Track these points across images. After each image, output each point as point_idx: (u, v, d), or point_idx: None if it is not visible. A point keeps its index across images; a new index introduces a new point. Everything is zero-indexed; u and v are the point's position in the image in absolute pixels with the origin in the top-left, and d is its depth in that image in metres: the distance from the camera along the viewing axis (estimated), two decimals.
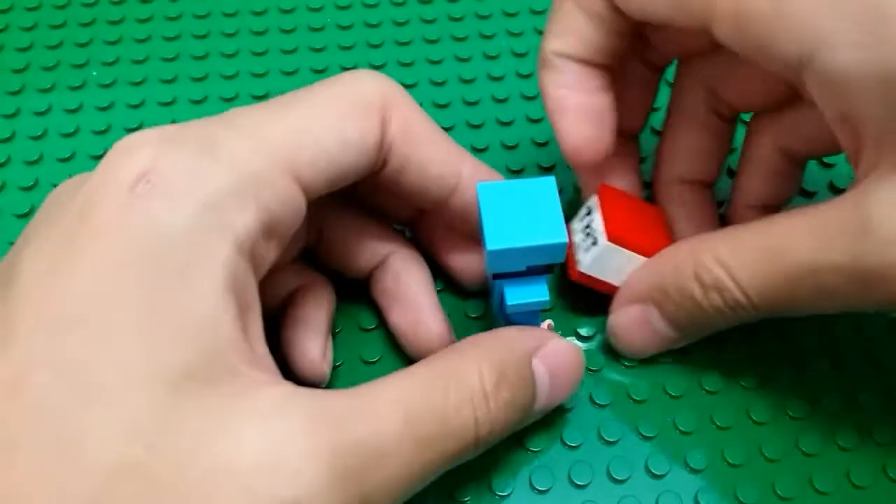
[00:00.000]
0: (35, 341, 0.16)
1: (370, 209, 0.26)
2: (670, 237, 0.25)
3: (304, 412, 0.17)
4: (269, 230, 0.19)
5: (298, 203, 0.20)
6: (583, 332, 0.27)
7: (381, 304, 0.26)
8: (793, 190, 0.26)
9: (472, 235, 0.25)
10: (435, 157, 0.23)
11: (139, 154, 0.18)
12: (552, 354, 0.22)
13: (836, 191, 0.30)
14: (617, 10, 0.22)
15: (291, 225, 0.20)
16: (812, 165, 0.31)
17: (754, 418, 0.25)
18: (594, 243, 0.24)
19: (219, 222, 0.18)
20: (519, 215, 0.21)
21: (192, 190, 0.18)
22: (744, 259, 0.21)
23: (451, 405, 0.19)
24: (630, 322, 0.24)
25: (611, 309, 0.25)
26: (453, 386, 0.19)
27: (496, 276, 0.22)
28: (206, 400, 0.16)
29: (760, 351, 0.26)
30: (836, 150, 0.23)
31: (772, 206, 0.26)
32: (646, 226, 0.25)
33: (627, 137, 0.27)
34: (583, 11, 0.22)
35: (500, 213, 0.21)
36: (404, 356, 0.26)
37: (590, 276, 0.25)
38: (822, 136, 0.23)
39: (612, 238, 0.24)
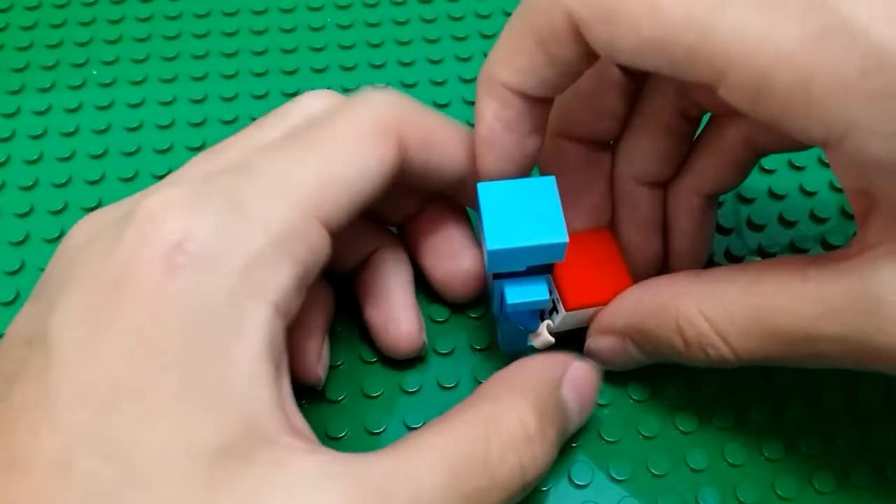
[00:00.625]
0: (80, 417, 0.16)
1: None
2: (626, 269, 0.24)
3: (342, 483, 0.16)
4: (301, 283, 0.19)
5: (326, 245, 0.20)
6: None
7: (358, 297, 0.26)
8: (740, 182, 0.25)
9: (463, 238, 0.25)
10: (452, 153, 0.23)
11: (172, 221, 0.18)
12: (578, 379, 0.22)
13: (835, 189, 0.30)
14: (584, 57, 0.20)
15: (318, 268, 0.20)
16: (813, 164, 0.31)
17: (753, 419, 0.25)
18: (555, 310, 0.24)
19: (255, 287, 0.18)
20: (519, 215, 0.21)
21: (228, 257, 0.17)
22: (732, 317, 0.20)
23: (494, 456, 0.18)
24: (607, 349, 0.24)
25: (588, 333, 0.24)
26: (495, 435, 0.19)
27: (496, 276, 0.22)
28: (242, 475, 0.16)
29: None
30: (804, 148, 0.23)
31: (715, 196, 0.25)
32: (602, 267, 0.24)
33: (599, 146, 0.25)
34: (544, 52, 0.20)
35: (500, 212, 0.21)
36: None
37: (562, 332, 0.25)
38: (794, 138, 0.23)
39: (570, 307, 0.24)
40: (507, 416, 0.19)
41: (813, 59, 0.16)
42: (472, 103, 0.33)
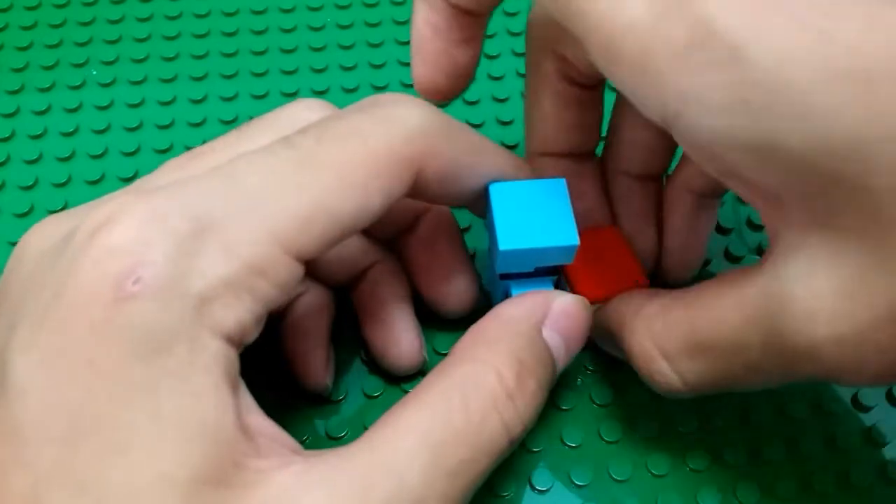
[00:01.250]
0: (45, 454, 0.15)
1: None
2: (637, 262, 0.25)
3: (318, 490, 0.16)
4: (261, 317, 0.18)
5: (296, 278, 0.18)
6: None
7: (356, 310, 0.25)
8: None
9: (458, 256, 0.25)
10: (471, 184, 0.21)
11: (127, 242, 0.16)
12: (562, 317, 0.21)
13: None
14: None
15: (291, 292, 0.19)
16: None
17: (752, 419, 0.25)
18: None
19: (211, 322, 0.16)
20: (531, 216, 0.21)
21: (184, 287, 0.16)
22: (672, 336, 0.20)
23: (474, 422, 0.18)
24: (605, 337, 0.23)
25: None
26: (472, 399, 0.18)
27: (504, 277, 0.22)
28: (221, 499, 0.16)
29: None
30: None
31: (712, 195, 0.24)
32: (614, 262, 0.24)
33: (584, 156, 0.25)
34: None
35: (511, 213, 0.21)
36: None
37: None
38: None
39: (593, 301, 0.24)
40: (483, 375, 0.19)
41: (652, 31, 0.16)
42: (472, 103, 0.33)
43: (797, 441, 0.25)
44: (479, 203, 0.22)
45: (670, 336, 0.20)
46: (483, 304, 0.26)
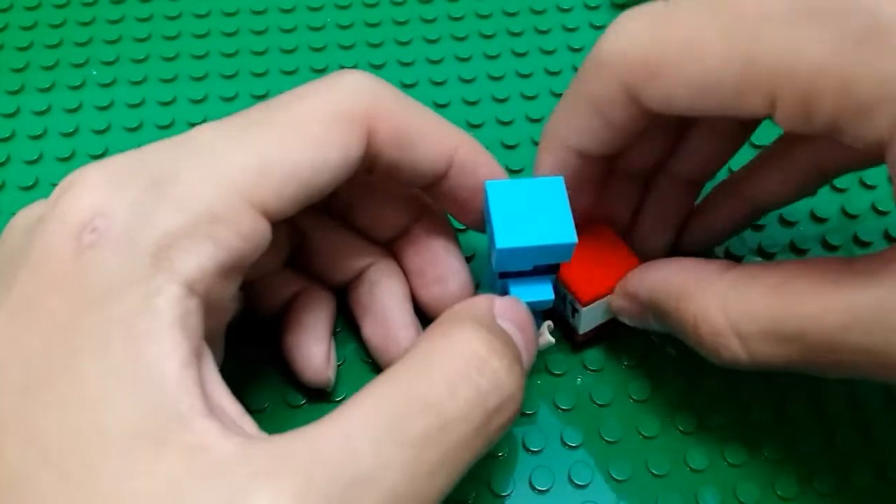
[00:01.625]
0: (4, 403, 0.16)
1: (348, 224, 0.25)
2: (632, 252, 0.25)
3: (260, 460, 0.15)
4: (228, 268, 0.18)
5: (262, 233, 0.18)
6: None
7: (355, 315, 0.25)
8: (796, 199, 0.25)
9: (453, 212, 0.24)
10: (426, 153, 0.21)
11: (86, 198, 0.17)
12: (508, 310, 0.20)
13: (835, 189, 0.30)
14: (638, 117, 0.20)
15: (253, 256, 0.18)
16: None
17: (753, 419, 0.25)
18: (575, 311, 0.24)
19: (168, 266, 0.16)
20: (528, 214, 0.21)
21: (139, 235, 0.17)
22: (754, 318, 0.19)
23: (440, 390, 0.17)
24: (628, 311, 0.24)
25: (614, 290, 0.24)
26: (438, 367, 0.17)
27: (502, 275, 0.22)
28: (157, 461, 0.15)
29: None
30: (871, 165, 0.23)
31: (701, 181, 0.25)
32: (608, 256, 0.24)
33: (593, 158, 0.24)
34: (600, 116, 0.21)
35: (509, 211, 0.21)
36: None
37: (592, 331, 0.25)
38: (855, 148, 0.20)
39: (586, 302, 0.24)
40: (452, 346, 0.18)
41: (853, 63, 0.16)
42: (472, 103, 0.33)
43: (796, 440, 0.25)
44: (443, 185, 0.22)
45: (749, 318, 0.19)
46: None
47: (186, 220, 0.17)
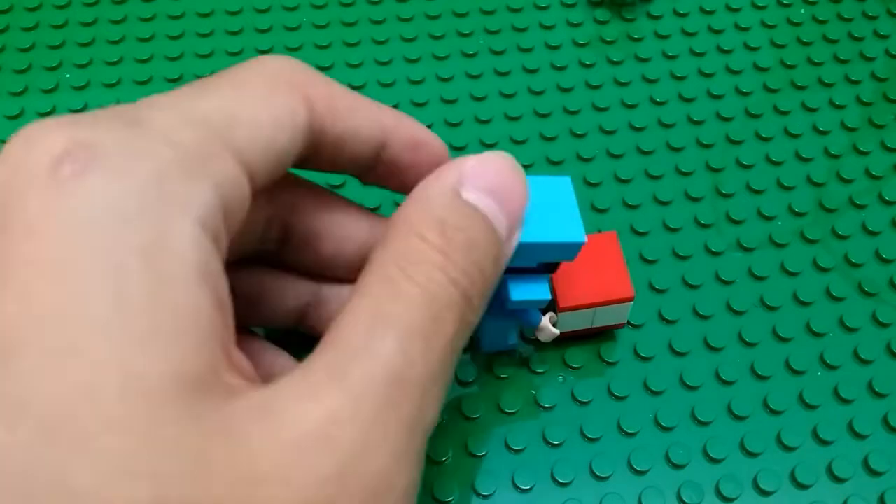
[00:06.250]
0: (25, 365, 0.13)
1: (288, 267, 0.23)
2: (626, 273, 0.25)
3: (308, 400, 0.15)
4: (224, 213, 0.16)
5: (245, 186, 0.16)
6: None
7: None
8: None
9: (404, 189, 0.22)
10: (363, 121, 0.20)
11: (52, 135, 0.14)
12: (480, 174, 0.18)
13: (812, 183, 0.31)
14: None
15: (240, 212, 0.17)
16: (791, 159, 0.31)
17: (736, 413, 0.25)
18: (552, 310, 0.25)
19: (175, 196, 0.14)
20: (537, 212, 0.20)
21: (131, 163, 0.14)
22: None
23: (422, 285, 0.16)
24: None
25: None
26: (409, 265, 0.17)
27: (507, 271, 0.22)
28: (191, 413, 0.13)
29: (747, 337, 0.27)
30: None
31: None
32: (602, 270, 0.25)
33: None
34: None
35: None
36: None
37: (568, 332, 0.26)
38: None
39: (563, 308, 0.24)
40: (402, 243, 0.17)
41: None
42: (480, 98, 0.33)
43: (781, 434, 0.25)
44: (385, 156, 0.21)
45: None
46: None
47: (176, 155, 0.15)
